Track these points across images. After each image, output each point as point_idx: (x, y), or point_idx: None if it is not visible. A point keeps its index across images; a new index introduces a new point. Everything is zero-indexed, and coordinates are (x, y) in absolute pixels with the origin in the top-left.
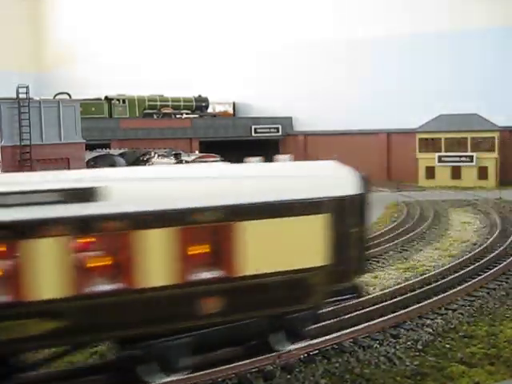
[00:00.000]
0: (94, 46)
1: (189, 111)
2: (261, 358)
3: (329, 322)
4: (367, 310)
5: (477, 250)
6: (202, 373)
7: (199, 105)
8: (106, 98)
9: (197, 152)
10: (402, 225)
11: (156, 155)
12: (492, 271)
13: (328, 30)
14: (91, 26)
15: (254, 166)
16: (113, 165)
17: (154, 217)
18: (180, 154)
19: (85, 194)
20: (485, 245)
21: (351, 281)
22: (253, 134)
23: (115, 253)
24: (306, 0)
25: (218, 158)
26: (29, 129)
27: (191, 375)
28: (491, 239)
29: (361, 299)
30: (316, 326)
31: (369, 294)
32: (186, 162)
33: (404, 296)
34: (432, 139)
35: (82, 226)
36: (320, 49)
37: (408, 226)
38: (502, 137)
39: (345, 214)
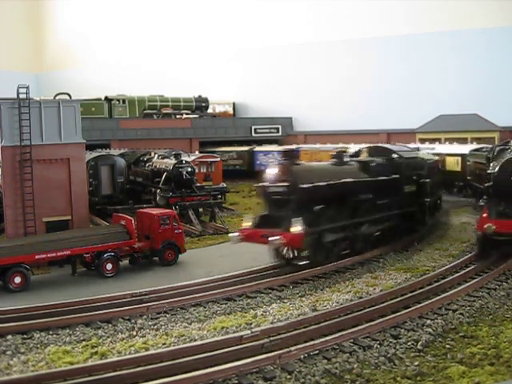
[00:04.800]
0: (95, 46)
1: (189, 111)
2: (261, 357)
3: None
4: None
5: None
6: (202, 373)
7: (199, 105)
8: (106, 98)
9: (197, 152)
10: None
11: (156, 155)
12: (492, 271)
13: (328, 30)
14: (91, 27)
15: None
16: (112, 165)
17: None
18: (180, 154)
19: None
20: None
21: None
22: (253, 134)
23: None
24: (307, 1)
25: (218, 158)
26: (29, 129)
27: (191, 375)
28: None
29: (361, 300)
30: None
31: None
32: (186, 162)
33: (404, 296)
34: (432, 139)
35: None
36: (320, 49)
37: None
38: (502, 137)
39: None
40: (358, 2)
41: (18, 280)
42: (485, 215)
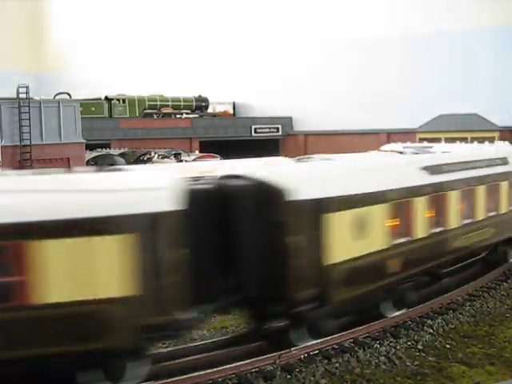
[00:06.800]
0: (94, 45)
1: (189, 111)
2: (261, 358)
3: None
4: None
5: None
6: (201, 373)
7: (199, 105)
8: (106, 98)
9: (197, 152)
10: None
11: (156, 155)
12: (492, 271)
13: (328, 29)
14: (91, 26)
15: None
16: (113, 165)
17: None
18: (180, 153)
19: None
20: None
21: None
22: (253, 133)
23: None
24: (305, 0)
25: (218, 158)
26: (29, 129)
27: (191, 375)
28: None
29: None
30: None
31: None
32: (186, 161)
33: None
34: (432, 139)
35: None
36: (319, 48)
37: None
38: (502, 137)
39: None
40: (358, 1)
41: None
42: None
